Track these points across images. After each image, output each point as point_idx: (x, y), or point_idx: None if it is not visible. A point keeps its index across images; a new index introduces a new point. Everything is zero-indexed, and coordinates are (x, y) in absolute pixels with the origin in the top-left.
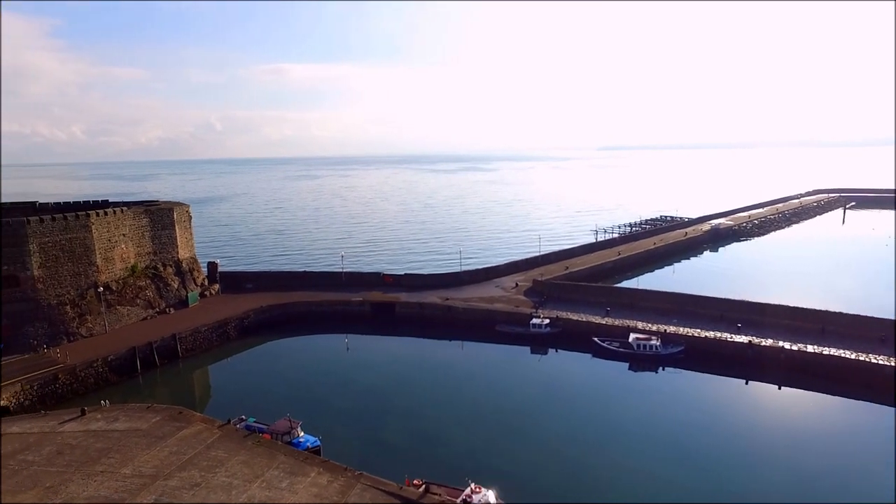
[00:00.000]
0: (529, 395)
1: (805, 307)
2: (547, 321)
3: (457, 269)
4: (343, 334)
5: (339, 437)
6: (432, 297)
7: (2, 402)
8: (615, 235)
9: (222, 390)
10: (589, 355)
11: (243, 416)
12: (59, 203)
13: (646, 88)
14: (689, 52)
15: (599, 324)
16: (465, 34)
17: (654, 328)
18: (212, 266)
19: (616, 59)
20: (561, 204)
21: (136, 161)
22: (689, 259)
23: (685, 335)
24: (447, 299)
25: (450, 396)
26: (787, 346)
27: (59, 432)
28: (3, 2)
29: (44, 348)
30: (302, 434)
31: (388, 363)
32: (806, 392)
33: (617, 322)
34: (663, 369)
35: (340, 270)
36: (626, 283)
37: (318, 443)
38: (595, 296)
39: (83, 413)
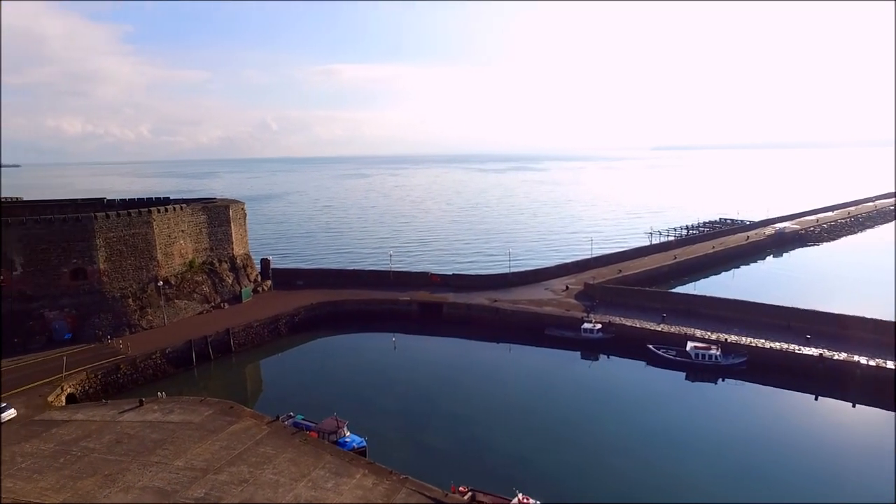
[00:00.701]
0: (580, 403)
1: (884, 319)
2: (599, 326)
3: (505, 270)
4: (390, 333)
5: (385, 438)
6: (480, 299)
7: (69, 390)
8: (671, 238)
9: (272, 386)
10: (643, 363)
11: (291, 413)
12: (125, 199)
13: (702, 86)
14: (751, 48)
15: (654, 330)
16: (515, 33)
17: (714, 337)
18: (265, 262)
19: (670, 56)
20: (613, 205)
21: (197, 160)
22: (751, 264)
23: (748, 345)
24: (495, 301)
25: (497, 401)
26: (863, 361)
27: (118, 421)
28: (76, 6)
29: (108, 339)
30: (348, 434)
31: (435, 364)
32: (883, 411)
33: (673, 329)
34: (723, 381)
35: (388, 269)
36: (682, 289)
37: (364, 443)
38: (650, 301)
39: (141, 404)
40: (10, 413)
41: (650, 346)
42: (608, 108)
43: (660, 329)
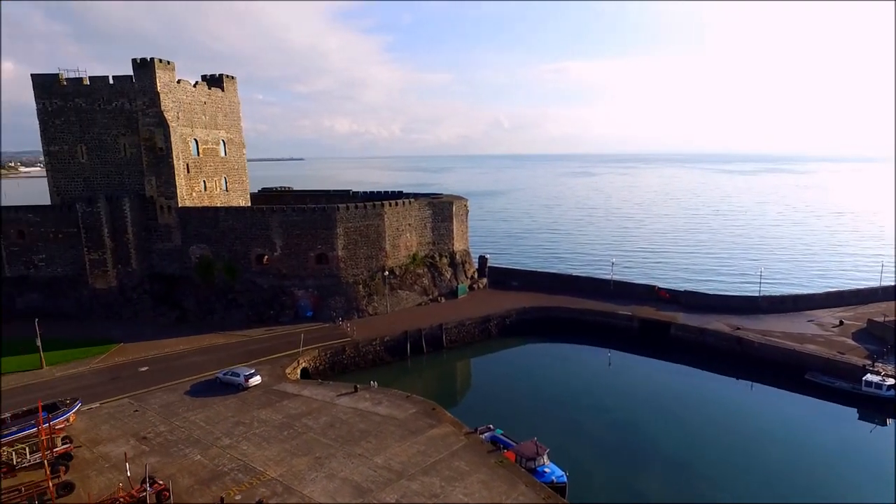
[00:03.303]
0: (851, 479)
1: None
2: (892, 382)
3: (754, 292)
4: (605, 349)
5: (590, 475)
6: (718, 324)
7: (303, 364)
8: None
9: (476, 389)
10: None
11: (490, 426)
12: (366, 192)
13: None
14: None
15: None
16: (751, 26)
17: None
18: (482, 260)
19: None
20: None
21: (437, 155)
22: None
23: None
24: (738, 328)
25: (735, 453)
26: None
27: (334, 404)
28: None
29: (339, 320)
30: (548, 463)
31: (656, 393)
32: None
33: None
34: None
35: (609, 278)
36: None
37: (565, 479)
38: None
39: (355, 390)
40: (256, 379)
41: None
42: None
43: None
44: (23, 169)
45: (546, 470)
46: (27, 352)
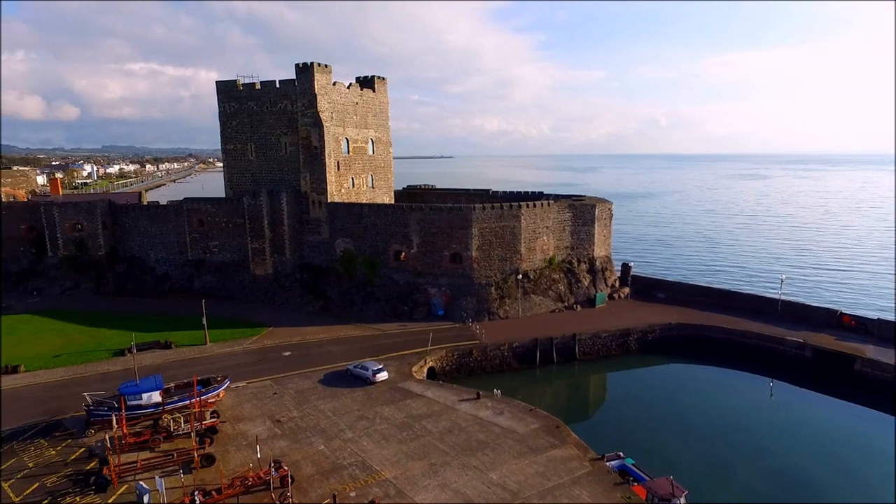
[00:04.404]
0: None
1: None
2: None
3: None
4: (766, 378)
5: None
6: None
7: (430, 363)
8: None
9: (607, 410)
10: None
11: (620, 454)
12: (506, 192)
13: None
14: None
15: None
16: None
17: None
18: (625, 268)
19: None
20: None
21: (585, 154)
22: None
23: None
24: None
25: None
26: None
27: (455, 409)
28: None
29: (469, 321)
30: None
31: (831, 438)
32: None
33: None
34: None
35: (776, 297)
36: None
37: None
38: None
39: (478, 397)
40: (383, 375)
41: None
42: None
43: None
44: (218, 164)
45: None
46: (198, 328)
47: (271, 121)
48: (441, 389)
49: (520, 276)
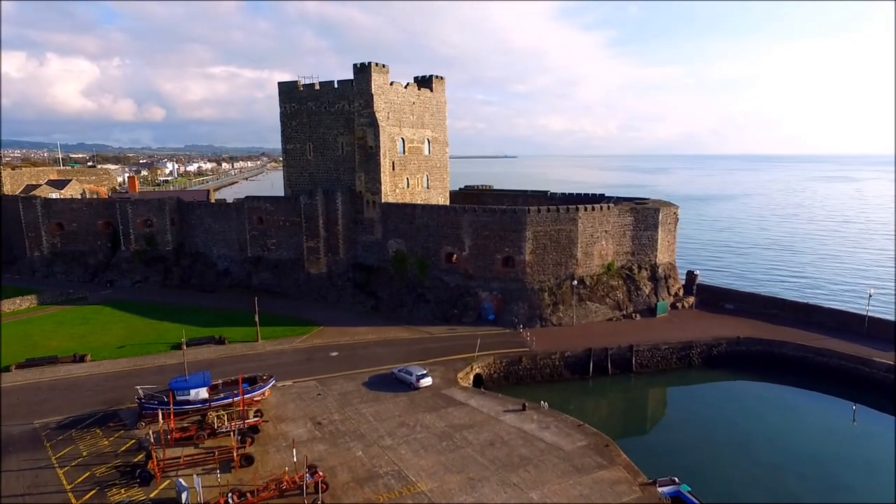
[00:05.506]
0: None
1: None
2: None
3: None
4: (849, 402)
5: None
6: None
7: (477, 370)
8: None
9: (663, 429)
10: None
11: (675, 479)
12: (565, 194)
13: None
14: None
15: None
16: None
17: None
18: (690, 276)
19: None
20: None
21: (654, 154)
22: None
23: None
24: None
25: None
26: None
27: (499, 420)
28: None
29: (520, 327)
30: None
31: None
32: None
33: None
34: None
35: (864, 313)
36: None
37: None
38: None
39: (524, 408)
40: (427, 381)
41: None
42: None
43: None
44: None
45: None
46: (251, 324)
47: (329, 121)
48: (485, 398)
49: (575, 282)
